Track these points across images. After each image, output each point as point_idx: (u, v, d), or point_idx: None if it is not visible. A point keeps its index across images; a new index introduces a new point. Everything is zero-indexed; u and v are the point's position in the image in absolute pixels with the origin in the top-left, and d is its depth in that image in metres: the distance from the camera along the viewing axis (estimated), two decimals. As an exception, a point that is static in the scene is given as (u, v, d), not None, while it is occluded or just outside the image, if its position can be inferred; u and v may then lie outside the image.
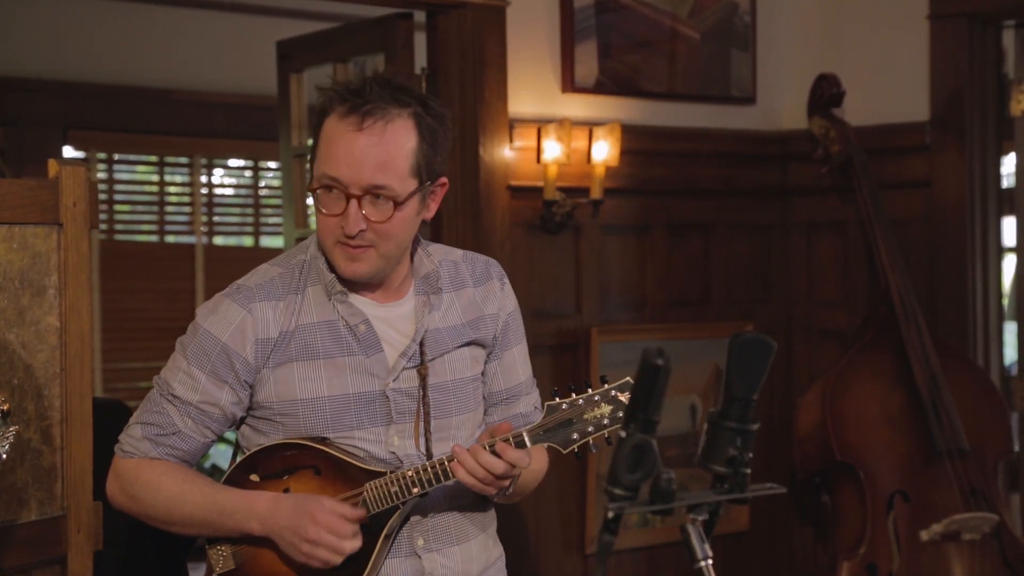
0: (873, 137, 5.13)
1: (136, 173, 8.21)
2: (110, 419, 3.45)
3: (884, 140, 5.17)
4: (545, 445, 2.54)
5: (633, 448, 1.81)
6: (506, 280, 2.77)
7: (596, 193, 4.87)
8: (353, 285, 2.59)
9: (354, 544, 2.50)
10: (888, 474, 4.67)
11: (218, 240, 8.33)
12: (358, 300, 2.60)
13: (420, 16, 4.90)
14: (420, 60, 4.84)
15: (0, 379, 2.85)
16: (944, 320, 5.05)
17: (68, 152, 7.44)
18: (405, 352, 2.59)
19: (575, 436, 2.51)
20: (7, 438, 2.40)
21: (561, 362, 4.86)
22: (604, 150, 4.84)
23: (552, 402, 2.55)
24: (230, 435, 2.81)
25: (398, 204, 2.49)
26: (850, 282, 5.31)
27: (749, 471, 1.86)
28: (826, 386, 4.79)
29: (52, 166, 2.96)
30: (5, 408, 2.40)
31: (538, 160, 4.78)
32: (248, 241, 8.57)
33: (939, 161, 5.09)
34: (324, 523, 2.48)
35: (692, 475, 4.89)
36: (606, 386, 2.54)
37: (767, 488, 1.91)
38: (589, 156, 4.87)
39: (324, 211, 2.52)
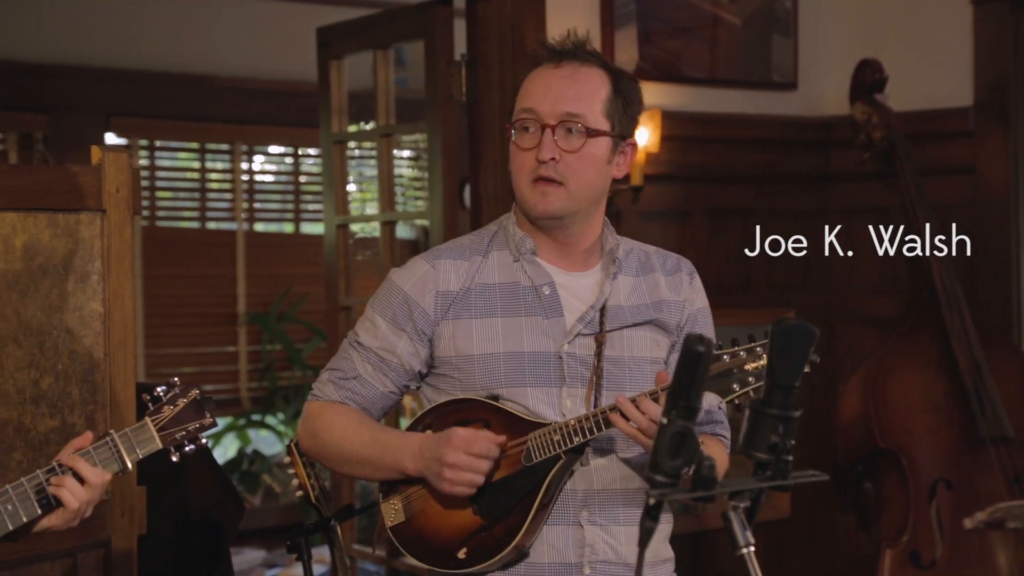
0: (916, 123, 5.09)
1: (177, 160, 8.25)
2: (153, 404, 3.48)
3: (927, 126, 5.13)
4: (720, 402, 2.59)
5: (675, 435, 1.81)
6: (696, 276, 2.82)
7: (636, 179, 4.85)
8: (541, 250, 2.66)
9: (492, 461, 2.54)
10: (931, 461, 4.64)
11: (259, 227, 8.36)
12: (545, 265, 2.67)
13: (460, 2, 4.89)
14: (460, 47, 4.84)
15: (45, 364, 2.87)
16: (987, 306, 5.01)
17: (110, 139, 7.49)
18: (583, 317, 2.64)
19: (735, 386, 2.54)
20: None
21: (601, 348, 4.85)
22: (644, 136, 4.83)
23: (714, 352, 2.57)
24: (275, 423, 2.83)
25: (590, 135, 2.58)
26: (892, 268, 5.28)
27: (791, 458, 1.86)
28: (868, 373, 4.76)
29: (95, 153, 2.99)
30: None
31: (578, 146, 4.76)
32: (288, 228, 8.60)
33: (983, 147, 5.05)
34: (458, 444, 2.52)
35: (733, 462, 4.87)
36: (755, 342, 2.57)
37: (809, 475, 1.91)
38: (629, 142, 4.85)
39: (520, 145, 2.62)
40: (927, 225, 4.84)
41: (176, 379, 2.49)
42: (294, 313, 8.19)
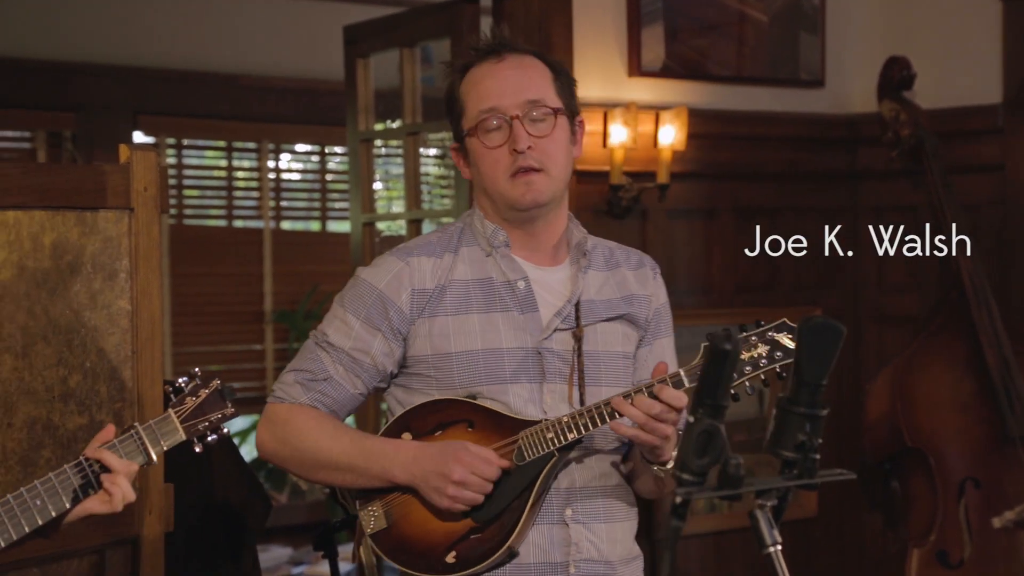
0: (944, 120, 5.07)
1: (205, 158, 8.27)
2: (180, 402, 3.49)
3: (955, 123, 5.11)
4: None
5: (701, 433, 1.80)
6: (658, 271, 2.81)
7: (663, 177, 4.85)
8: (513, 245, 2.64)
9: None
10: (959, 460, 4.62)
11: (285, 225, 8.37)
12: (518, 259, 2.65)
13: (486, 0, 4.89)
14: (486, 44, 4.84)
15: (73, 361, 2.88)
16: (1016, 305, 4.99)
17: (138, 137, 7.51)
18: (560, 312, 2.62)
19: (733, 376, 2.52)
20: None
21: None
22: (671, 134, 4.82)
23: (707, 343, 2.56)
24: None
25: (556, 113, 2.60)
26: (920, 267, 5.25)
27: (818, 457, 1.85)
28: (896, 371, 4.75)
29: (123, 151, 2.99)
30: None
31: (604, 144, 4.77)
32: (315, 226, 8.61)
33: (1012, 144, 5.03)
34: (469, 463, 2.49)
35: (759, 460, 4.86)
36: (763, 326, 2.56)
37: (836, 474, 1.90)
38: (656, 140, 4.85)
39: (489, 145, 2.60)
40: (955, 222, 4.82)
41: (197, 370, 2.48)
42: (320, 311, 8.20)
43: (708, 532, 5.08)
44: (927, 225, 5.04)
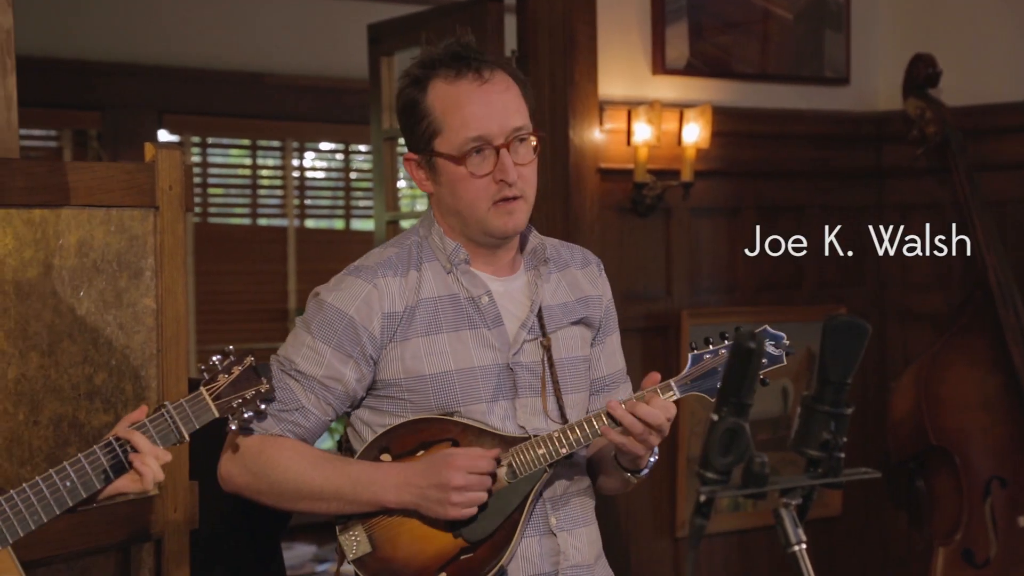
0: (970, 117, 5.05)
1: (229, 156, 8.30)
2: (205, 400, 3.49)
3: (981, 120, 5.08)
4: (688, 395, 2.54)
5: (725, 431, 1.80)
6: (602, 268, 2.78)
7: (687, 175, 4.84)
8: (473, 260, 2.59)
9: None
10: (985, 459, 4.60)
11: (309, 223, 8.40)
12: (479, 273, 2.60)
13: (510, -1, 4.90)
14: (510, 43, 4.84)
15: (98, 360, 2.90)
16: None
17: (163, 136, 7.54)
18: (525, 323, 2.58)
19: (757, 375, 2.52)
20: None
21: (651, 345, 4.85)
22: (695, 132, 4.81)
23: (695, 352, 2.57)
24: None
25: (538, 140, 2.55)
26: (945, 265, 5.23)
27: (843, 455, 1.85)
28: (921, 370, 4.73)
29: (148, 150, 3.00)
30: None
31: (628, 142, 4.76)
32: (339, 224, 8.63)
33: (1038, 142, 5.00)
34: (464, 465, 2.44)
35: (783, 459, 4.85)
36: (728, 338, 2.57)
37: (861, 472, 1.89)
38: (680, 138, 4.84)
39: (477, 174, 2.51)
40: (981, 220, 4.80)
41: (231, 347, 2.45)
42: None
43: (732, 530, 5.07)
44: (952, 223, 5.02)
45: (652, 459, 2.59)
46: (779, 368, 2.64)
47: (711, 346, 2.57)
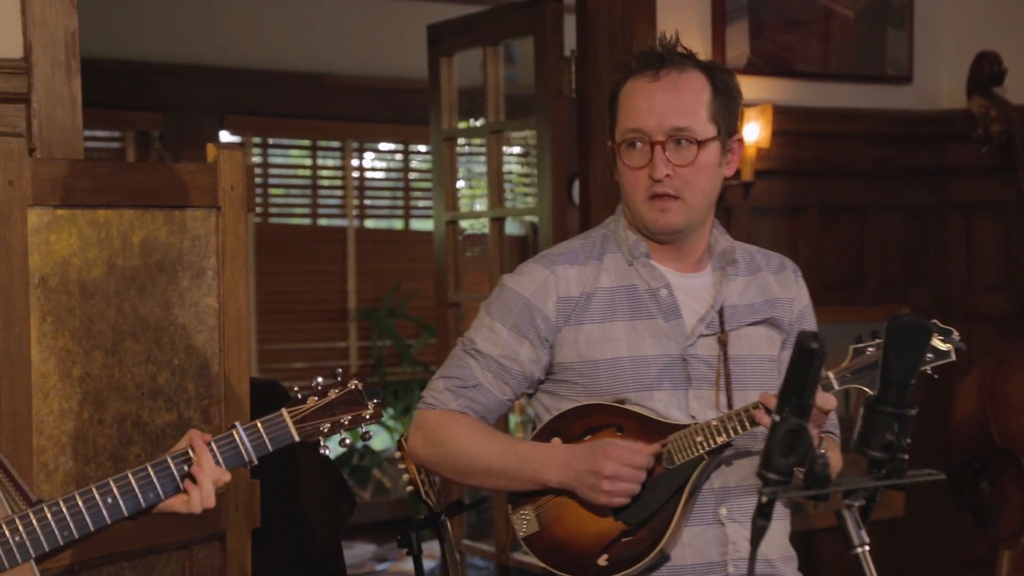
0: (1035, 116, 4.99)
1: (289, 157, 8.35)
2: (267, 399, 3.52)
3: (1047, 119, 5.02)
4: (845, 388, 2.56)
5: (787, 432, 1.79)
6: (799, 274, 2.81)
7: (747, 175, 4.81)
8: (655, 254, 2.65)
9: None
10: (1050, 461, 4.55)
11: (369, 223, 8.43)
12: (659, 267, 2.65)
13: (570, -2, 4.89)
14: (569, 42, 4.84)
15: (161, 359, 2.92)
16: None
17: (224, 137, 7.60)
18: (703, 318, 2.63)
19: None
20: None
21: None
22: (755, 131, 4.79)
23: (857, 345, 2.59)
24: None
25: (700, 145, 2.57)
26: (1010, 265, 5.17)
27: (907, 457, 1.83)
28: (985, 371, 4.68)
29: (211, 151, 3.03)
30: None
31: (688, 142, 4.74)
32: (398, 224, 8.66)
33: (1105, 140, 4.93)
34: (616, 456, 2.50)
35: (846, 460, 4.81)
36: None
37: (925, 474, 1.88)
38: (740, 137, 4.81)
39: (631, 165, 2.59)
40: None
41: (340, 370, 2.39)
42: (404, 309, 8.24)
43: (794, 532, 5.02)
44: (1017, 222, 4.97)
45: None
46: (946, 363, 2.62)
47: (875, 339, 2.57)
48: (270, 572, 3.48)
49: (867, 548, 1.83)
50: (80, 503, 2.14)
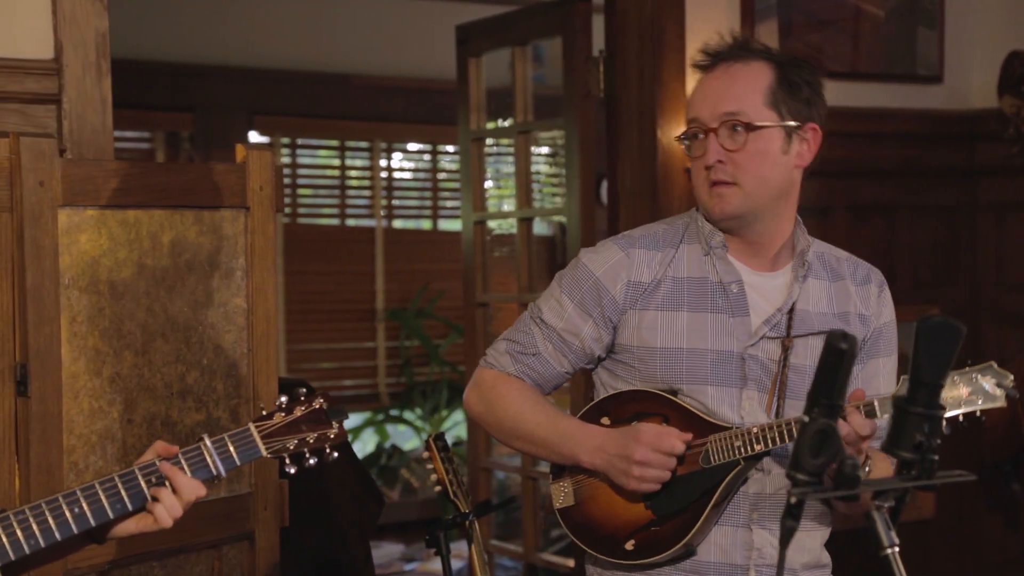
0: (1066, 115, 4.96)
1: (318, 157, 8.37)
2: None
3: (1078, 118, 4.99)
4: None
5: (816, 432, 1.78)
6: (886, 288, 2.77)
7: (776, 175, 4.80)
8: (731, 247, 2.64)
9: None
10: (1082, 463, 4.53)
11: (397, 223, 8.44)
12: (735, 262, 2.64)
13: (598, -2, 4.89)
14: (598, 42, 4.83)
15: (191, 359, 2.93)
16: None
17: (253, 137, 7.62)
18: (769, 320, 2.61)
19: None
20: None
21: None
22: (784, 131, 4.77)
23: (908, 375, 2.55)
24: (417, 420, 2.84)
25: (750, 129, 2.56)
26: (1041, 264, 5.15)
27: (937, 457, 1.82)
28: (1017, 371, 4.65)
29: (239, 151, 3.03)
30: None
31: (717, 142, 4.73)
32: (426, 224, 8.66)
33: None
34: (647, 441, 2.51)
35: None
36: (967, 368, 2.56)
37: (955, 475, 1.87)
38: (769, 137, 4.80)
39: (692, 156, 2.61)
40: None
41: (303, 388, 2.33)
42: (432, 309, 8.25)
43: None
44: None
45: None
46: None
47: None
48: (299, 571, 3.49)
49: (897, 549, 1.82)
50: (46, 512, 2.07)
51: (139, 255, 2.86)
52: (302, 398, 2.27)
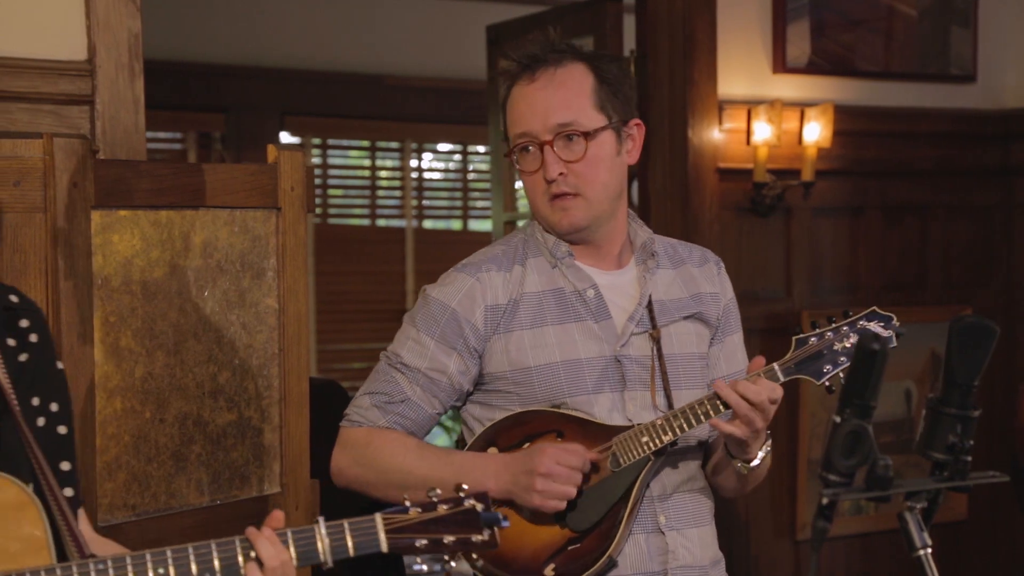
0: (1101, 114, 4.93)
1: (349, 158, 8.38)
2: (326, 399, 3.54)
3: (1113, 117, 4.97)
4: (793, 377, 2.51)
5: (849, 433, 1.78)
6: (722, 267, 2.76)
7: (807, 175, 4.78)
8: (577, 254, 2.61)
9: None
10: (1116, 465, 4.49)
11: (427, 224, 8.44)
12: (584, 267, 2.61)
13: (629, -2, 4.88)
14: (629, 42, 4.83)
15: (222, 359, 2.94)
16: None
17: (284, 138, 7.64)
18: (633, 316, 2.58)
19: (827, 368, 2.51)
20: None
21: (771, 346, 4.79)
22: (816, 131, 4.76)
23: (800, 336, 2.55)
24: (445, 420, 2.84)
25: (588, 137, 2.52)
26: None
27: (970, 458, 1.81)
28: (1050, 372, 4.63)
29: (271, 152, 3.04)
30: None
31: (748, 142, 4.72)
32: (456, 225, 8.67)
33: None
34: (552, 454, 2.44)
35: (907, 462, 4.78)
36: (852, 316, 2.55)
37: (988, 476, 1.86)
38: (800, 137, 4.79)
39: (525, 170, 2.56)
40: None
41: (465, 486, 2.04)
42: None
43: (854, 534, 5.00)
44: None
45: (762, 452, 2.55)
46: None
47: (816, 329, 2.55)
48: (328, 572, 3.49)
49: (929, 551, 1.81)
50: (129, 567, 1.91)
51: (171, 255, 2.87)
52: (452, 496, 2.01)
